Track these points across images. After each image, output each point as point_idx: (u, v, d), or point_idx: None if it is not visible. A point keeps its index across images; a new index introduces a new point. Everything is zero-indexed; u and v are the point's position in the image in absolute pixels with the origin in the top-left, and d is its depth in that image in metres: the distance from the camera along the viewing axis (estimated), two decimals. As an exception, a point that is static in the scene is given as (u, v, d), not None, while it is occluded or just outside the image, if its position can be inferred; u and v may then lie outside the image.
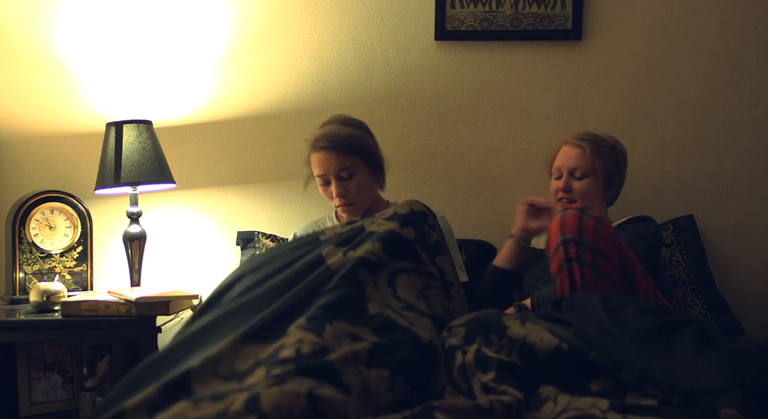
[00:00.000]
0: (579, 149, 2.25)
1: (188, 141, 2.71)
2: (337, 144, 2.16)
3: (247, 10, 2.68)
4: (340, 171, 2.17)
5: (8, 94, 2.67)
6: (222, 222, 2.72)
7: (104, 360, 2.50)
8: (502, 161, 2.71)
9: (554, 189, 2.29)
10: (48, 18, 2.66)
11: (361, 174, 2.20)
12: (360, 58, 2.69)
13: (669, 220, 2.58)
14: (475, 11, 2.65)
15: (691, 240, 2.55)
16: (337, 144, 2.16)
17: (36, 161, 2.69)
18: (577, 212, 1.89)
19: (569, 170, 2.25)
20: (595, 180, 2.24)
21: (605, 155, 2.25)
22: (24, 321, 2.23)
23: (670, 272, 2.49)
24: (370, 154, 2.22)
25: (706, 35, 2.66)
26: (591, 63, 2.67)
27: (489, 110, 2.70)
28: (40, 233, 2.53)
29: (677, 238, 2.54)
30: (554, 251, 1.87)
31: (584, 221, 1.87)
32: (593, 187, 2.24)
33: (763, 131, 2.67)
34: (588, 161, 2.23)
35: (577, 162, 2.24)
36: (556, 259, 1.87)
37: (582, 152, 2.24)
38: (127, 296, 2.20)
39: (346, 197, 2.20)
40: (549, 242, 1.92)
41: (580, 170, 2.24)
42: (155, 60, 2.69)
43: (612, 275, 1.84)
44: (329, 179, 2.19)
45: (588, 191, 2.24)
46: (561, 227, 1.88)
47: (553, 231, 1.90)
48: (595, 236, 1.85)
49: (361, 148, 2.19)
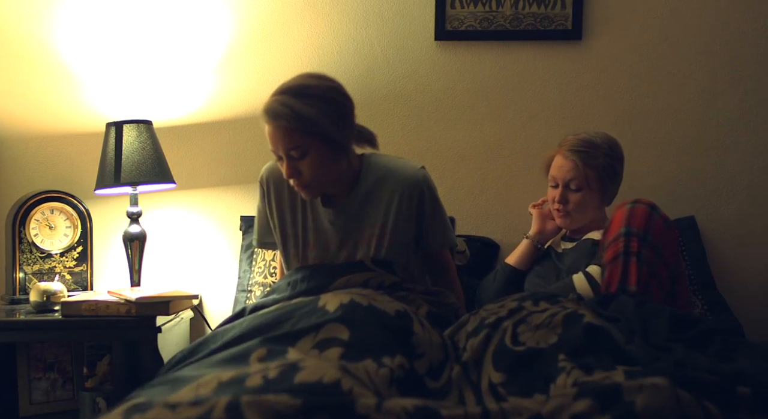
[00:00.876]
0: (572, 163, 2.18)
1: (188, 141, 2.71)
2: (283, 122, 1.81)
3: (247, 10, 2.68)
4: (289, 150, 1.84)
5: (8, 94, 2.67)
6: (222, 222, 2.72)
7: (104, 360, 2.50)
8: (502, 161, 2.70)
9: (551, 198, 2.26)
10: (48, 18, 2.66)
11: (315, 153, 1.84)
12: (360, 58, 2.69)
13: (669, 220, 2.59)
14: (475, 11, 2.65)
15: (691, 241, 2.55)
16: (282, 122, 1.81)
17: (36, 161, 2.69)
18: (648, 208, 1.90)
19: (564, 182, 2.20)
20: (590, 191, 2.18)
21: (599, 166, 2.18)
22: (24, 321, 2.23)
23: (671, 272, 2.49)
24: (324, 133, 1.83)
25: (706, 35, 2.66)
26: (591, 63, 2.67)
27: (489, 110, 2.70)
28: (40, 233, 2.53)
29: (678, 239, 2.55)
30: (613, 239, 1.88)
31: (653, 219, 1.88)
32: (589, 198, 2.19)
33: (763, 131, 2.67)
34: (581, 174, 2.16)
35: (571, 175, 2.18)
36: (613, 248, 1.88)
37: (574, 166, 2.17)
38: (127, 296, 2.20)
39: (298, 178, 1.87)
40: (609, 230, 1.94)
41: (575, 182, 2.18)
42: (155, 60, 2.69)
43: (663, 278, 1.85)
44: (280, 155, 1.88)
45: (584, 203, 2.20)
46: (627, 219, 1.88)
47: (617, 221, 1.91)
48: (660, 236, 1.86)
49: (312, 128, 1.81)
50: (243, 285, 2.54)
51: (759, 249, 2.67)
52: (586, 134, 2.24)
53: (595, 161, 2.17)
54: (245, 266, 2.57)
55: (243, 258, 2.59)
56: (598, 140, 2.22)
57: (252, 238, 2.49)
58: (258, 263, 2.54)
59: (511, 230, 2.65)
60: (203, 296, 2.70)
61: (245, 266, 2.57)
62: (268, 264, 2.51)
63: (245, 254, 2.59)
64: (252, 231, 2.58)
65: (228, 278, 2.69)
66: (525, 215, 2.66)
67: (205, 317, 2.66)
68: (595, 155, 2.18)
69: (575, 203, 2.19)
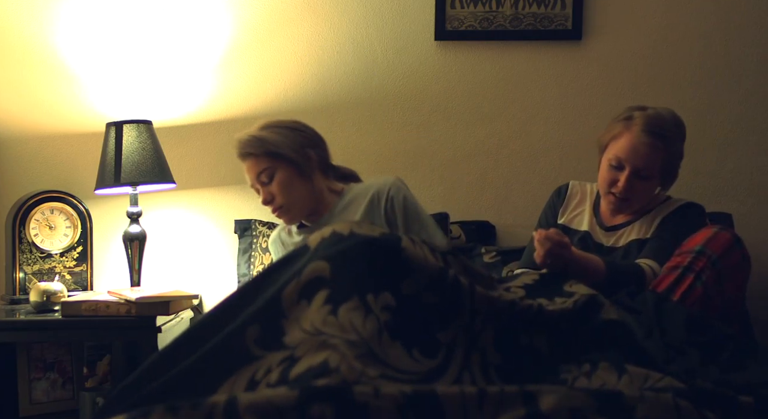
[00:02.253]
0: (649, 148, 1.92)
1: (188, 141, 2.71)
2: (249, 149, 2.04)
3: (247, 10, 2.68)
4: (259, 176, 2.04)
5: (8, 94, 2.67)
6: (222, 222, 2.72)
7: (104, 360, 2.50)
8: (502, 161, 2.71)
9: (609, 180, 1.98)
10: (48, 18, 2.66)
11: (282, 175, 2.03)
12: (360, 58, 2.69)
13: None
14: (475, 11, 2.65)
15: None
16: (249, 149, 2.04)
17: (36, 161, 2.69)
18: (732, 239, 1.82)
19: (635, 168, 1.93)
20: (658, 181, 2.00)
21: (675, 153, 1.97)
22: (24, 321, 2.23)
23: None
24: (287, 156, 2.03)
25: (706, 35, 2.66)
26: (591, 63, 2.67)
27: (489, 110, 2.70)
28: (40, 233, 2.53)
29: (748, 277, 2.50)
30: (684, 252, 1.81)
31: (733, 250, 1.81)
32: (654, 187, 2.01)
33: (763, 131, 2.67)
34: (659, 161, 1.94)
35: (648, 162, 1.93)
36: (678, 259, 1.81)
37: (656, 151, 1.92)
38: (127, 296, 2.20)
39: (272, 203, 2.06)
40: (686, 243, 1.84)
41: (648, 170, 1.94)
42: (155, 60, 2.69)
43: (714, 307, 1.79)
44: (257, 187, 2.08)
45: (649, 193, 2.01)
46: (708, 240, 1.80)
47: (697, 238, 1.82)
48: (730, 268, 1.80)
49: (275, 150, 2.02)
50: (242, 287, 2.53)
51: (759, 249, 2.67)
52: (655, 111, 1.98)
53: (673, 148, 1.95)
54: (243, 270, 2.56)
55: (241, 262, 2.59)
56: (669, 118, 1.98)
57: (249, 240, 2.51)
58: (256, 267, 2.54)
59: (510, 230, 2.65)
60: (203, 296, 2.70)
61: (243, 270, 2.56)
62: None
63: (243, 258, 2.59)
64: (247, 234, 2.59)
65: (228, 278, 2.69)
66: (525, 214, 2.67)
67: (205, 317, 2.66)
68: (673, 140, 1.95)
69: (642, 192, 1.98)
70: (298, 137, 2.08)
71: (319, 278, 1.35)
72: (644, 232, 2.05)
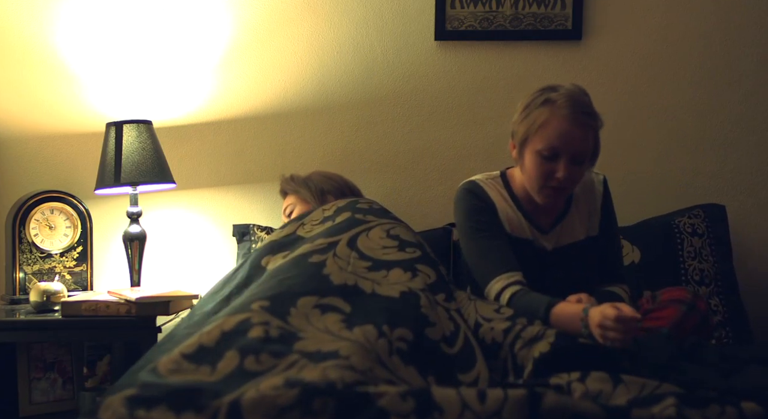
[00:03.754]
0: (586, 128, 1.82)
1: (188, 141, 2.71)
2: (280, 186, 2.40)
3: (247, 10, 2.68)
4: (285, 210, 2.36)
5: (8, 94, 2.67)
6: (222, 222, 2.72)
7: (104, 360, 2.51)
8: (502, 161, 2.69)
9: (544, 173, 1.84)
10: (48, 18, 2.65)
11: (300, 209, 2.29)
12: (360, 58, 2.69)
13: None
14: (475, 11, 2.65)
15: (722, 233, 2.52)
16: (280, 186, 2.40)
17: (36, 161, 2.69)
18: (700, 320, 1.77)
19: (572, 154, 1.81)
20: (590, 161, 1.90)
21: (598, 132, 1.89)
22: (24, 321, 2.23)
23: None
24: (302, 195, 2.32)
25: (706, 35, 2.66)
26: (591, 63, 2.67)
27: (489, 110, 2.70)
28: (40, 233, 2.53)
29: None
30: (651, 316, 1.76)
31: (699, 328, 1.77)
32: (588, 168, 1.92)
33: (763, 131, 2.67)
34: (593, 140, 1.85)
35: (584, 145, 1.82)
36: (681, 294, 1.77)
37: (589, 130, 1.83)
38: (127, 296, 2.20)
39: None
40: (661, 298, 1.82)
41: (585, 154, 1.84)
42: (155, 60, 2.69)
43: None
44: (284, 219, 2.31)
45: (584, 176, 1.93)
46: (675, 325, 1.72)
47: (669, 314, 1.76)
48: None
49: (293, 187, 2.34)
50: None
51: (759, 249, 2.67)
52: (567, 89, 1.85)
53: (598, 122, 1.87)
54: (242, 274, 2.55)
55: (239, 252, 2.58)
56: (581, 91, 1.88)
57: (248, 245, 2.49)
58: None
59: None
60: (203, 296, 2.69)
61: (242, 274, 2.55)
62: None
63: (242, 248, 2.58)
64: (246, 239, 2.58)
65: (228, 278, 2.69)
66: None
67: (205, 317, 2.66)
68: (596, 113, 1.86)
69: (580, 176, 1.88)
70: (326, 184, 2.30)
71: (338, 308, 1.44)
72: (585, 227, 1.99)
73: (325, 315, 1.40)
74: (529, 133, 1.86)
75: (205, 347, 1.25)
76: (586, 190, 2.02)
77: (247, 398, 1.07)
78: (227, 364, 1.20)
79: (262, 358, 1.21)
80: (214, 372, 1.19)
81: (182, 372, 1.19)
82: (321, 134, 2.70)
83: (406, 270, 1.65)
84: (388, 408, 1.06)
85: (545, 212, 1.98)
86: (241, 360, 1.20)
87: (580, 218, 2.01)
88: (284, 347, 1.24)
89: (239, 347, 1.24)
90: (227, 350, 1.23)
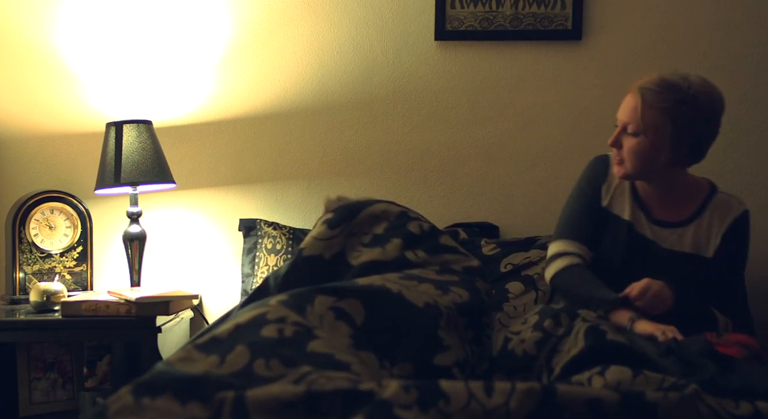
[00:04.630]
0: (635, 101, 1.84)
1: (188, 141, 2.71)
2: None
3: (247, 10, 2.68)
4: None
5: (8, 94, 2.67)
6: (222, 222, 2.72)
7: (104, 360, 2.51)
8: (502, 161, 2.70)
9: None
10: (48, 18, 2.66)
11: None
12: (360, 58, 2.69)
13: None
14: (475, 11, 2.65)
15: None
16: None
17: (36, 161, 2.69)
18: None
19: (622, 122, 1.88)
20: (648, 140, 1.85)
21: (668, 111, 1.81)
22: (24, 321, 2.24)
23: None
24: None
25: (706, 35, 2.66)
26: (591, 63, 2.67)
27: (489, 110, 2.70)
28: (40, 233, 2.53)
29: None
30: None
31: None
32: (645, 148, 1.85)
33: (763, 131, 2.67)
34: (640, 117, 1.83)
35: (630, 117, 1.85)
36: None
37: (637, 105, 1.84)
38: (127, 296, 2.20)
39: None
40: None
41: (632, 125, 1.85)
42: (155, 60, 2.69)
43: None
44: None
45: (638, 152, 1.87)
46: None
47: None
48: None
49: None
50: (247, 290, 2.52)
51: (759, 249, 2.67)
52: (672, 74, 1.88)
53: (662, 104, 1.82)
54: (248, 270, 2.55)
55: (245, 262, 2.58)
56: (682, 82, 1.84)
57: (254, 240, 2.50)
58: (261, 268, 2.53)
59: (511, 230, 2.65)
60: (203, 296, 2.70)
61: (248, 270, 2.55)
62: (271, 269, 2.50)
63: (247, 258, 2.58)
64: (252, 234, 2.58)
65: (228, 278, 2.69)
66: (526, 214, 2.67)
67: (205, 317, 2.66)
68: (666, 97, 1.82)
69: (628, 149, 1.87)
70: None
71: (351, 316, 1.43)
72: (700, 245, 1.97)
73: (338, 322, 1.38)
74: None
75: (217, 338, 1.25)
76: (721, 212, 2.00)
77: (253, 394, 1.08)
78: (236, 359, 1.19)
79: (272, 364, 1.19)
80: (223, 363, 1.18)
81: (191, 360, 1.19)
82: (321, 134, 2.70)
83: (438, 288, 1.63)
84: (390, 400, 1.06)
85: (664, 206, 1.99)
86: (251, 360, 1.19)
87: (698, 231, 1.98)
88: (297, 351, 1.22)
89: (250, 343, 1.22)
90: (238, 343, 1.22)
